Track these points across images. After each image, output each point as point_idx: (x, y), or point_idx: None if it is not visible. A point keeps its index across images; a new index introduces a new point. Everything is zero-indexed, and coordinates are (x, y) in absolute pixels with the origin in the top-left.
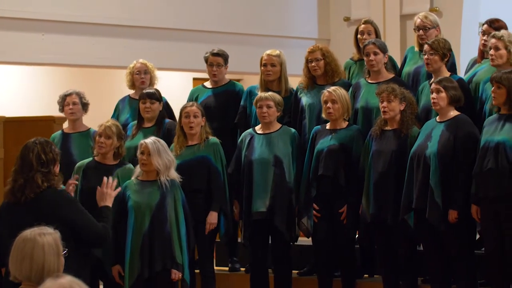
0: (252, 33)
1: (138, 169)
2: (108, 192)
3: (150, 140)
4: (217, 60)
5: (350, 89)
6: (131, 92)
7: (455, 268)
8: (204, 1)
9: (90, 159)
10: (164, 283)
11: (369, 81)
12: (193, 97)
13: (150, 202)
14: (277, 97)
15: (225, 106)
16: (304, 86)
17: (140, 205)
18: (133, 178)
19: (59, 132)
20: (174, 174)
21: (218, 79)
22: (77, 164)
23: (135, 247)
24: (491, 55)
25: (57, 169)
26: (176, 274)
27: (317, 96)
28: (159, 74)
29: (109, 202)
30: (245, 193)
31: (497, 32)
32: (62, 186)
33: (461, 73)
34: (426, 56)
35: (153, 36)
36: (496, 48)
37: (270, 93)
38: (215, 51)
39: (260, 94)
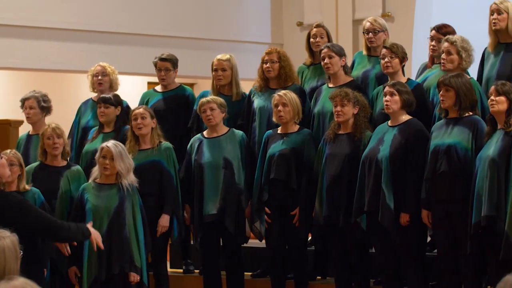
0: (206, 37)
1: (95, 171)
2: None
3: (111, 144)
4: (165, 65)
5: (315, 94)
6: (94, 95)
7: (406, 270)
8: (158, 6)
9: (38, 162)
10: (122, 286)
11: (329, 85)
12: (144, 101)
13: (109, 206)
14: (219, 99)
15: (174, 110)
16: (257, 87)
17: (98, 208)
18: (90, 181)
19: (25, 134)
20: (132, 178)
21: (167, 83)
22: (26, 169)
23: (92, 249)
24: (443, 59)
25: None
26: (134, 277)
27: (268, 99)
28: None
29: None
30: (196, 196)
31: (450, 37)
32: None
33: (413, 78)
34: (386, 59)
35: (108, 40)
36: (448, 53)
37: (211, 97)
38: (163, 56)
39: (201, 100)
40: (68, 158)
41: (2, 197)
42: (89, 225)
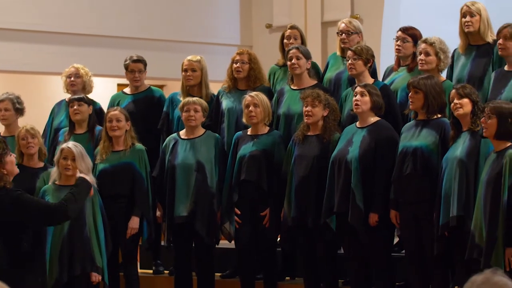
0: (175, 39)
1: (54, 173)
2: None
3: (71, 144)
4: (138, 66)
5: (275, 95)
6: (68, 96)
7: (373, 270)
8: (128, 8)
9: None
10: (83, 286)
11: (292, 87)
12: (114, 104)
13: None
14: (204, 103)
15: (145, 112)
16: (226, 88)
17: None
18: (50, 182)
19: None
20: (92, 178)
21: (140, 85)
22: None
23: (54, 251)
24: (421, 60)
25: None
26: (96, 277)
27: (237, 100)
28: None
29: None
30: (168, 197)
31: (429, 38)
32: None
33: (379, 79)
34: (349, 61)
35: (78, 42)
36: (427, 54)
37: (197, 98)
38: (134, 58)
39: (187, 98)
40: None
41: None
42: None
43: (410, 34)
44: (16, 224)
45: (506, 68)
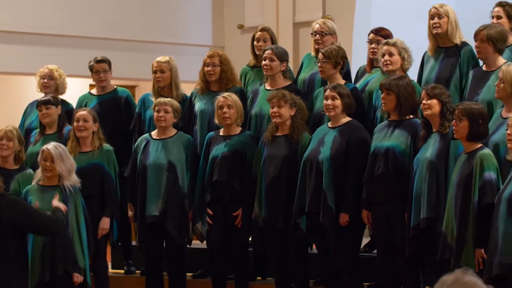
0: (147, 40)
1: (38, 174)
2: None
3: (52, 146)
4: (102, 66)
5: (250, 95)
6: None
7: (342, 270)
8: (100, 8)
9: None
10: (66, 287)
11: (266, 87)
12: (81, 105)
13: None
14: (176, 104)
15: (112, 112)
16: (199, 90)
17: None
18: (33, 183)
19: None
20: (75, 179)
21: (106, 85)
22: None
23: (36, 251)
24: (385, 61)
25: None
26: (78, 278)
27: (209, 102)
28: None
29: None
30: (139, 196)
31: (389, 39)
32: None
33: (352, 80)
34: (319, 64)
35: (50, 42)
36: (390, 54)
37: (169, 99)
38: (98, 58)
39: (160, 98)
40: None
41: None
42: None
43: (383, 35)
44: (8, 229)
45: (484, 68)
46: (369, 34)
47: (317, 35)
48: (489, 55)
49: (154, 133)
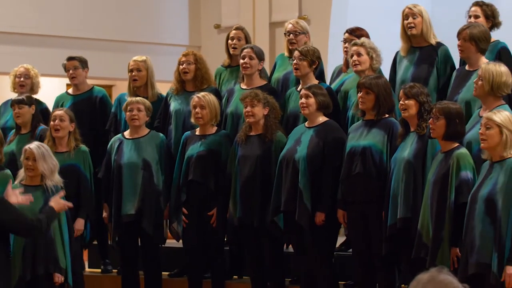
0: (124, 39)
1: (21, 173)
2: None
3: (34, 145)
4: (72, 63)
5: (225, 94)
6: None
7: (317, 269)
8: (77, 8)
9: None
10: (46, 287)
11: (242, 87)
12: (58, 105)
13: (34, 207)
14: (147, 102)
15: (88, 112)
16: (174, 90)
17: (23, 210)
18: (16, 182)
19: None
20: (57, 178)
21: (78, 83)
22: None
23: (17, 250)
24: (354, 61)
25: None
26: (59, 278)
27: (185, 102)
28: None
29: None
30: (114, 196)
31: (357, 40)
32: None
33: (328, 80)
34: (295, 61)
35: (26, 42)
36: (358, 54)
37: (140, 98)
38: (70, 56)
39: (131, 98)
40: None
41: None
42: (52, 202)
43: (358, 35)
44: None
45: (467, 67)
46: (344, 34)
47: (291, 34)
48: (472, 55)
49: (126, 133)
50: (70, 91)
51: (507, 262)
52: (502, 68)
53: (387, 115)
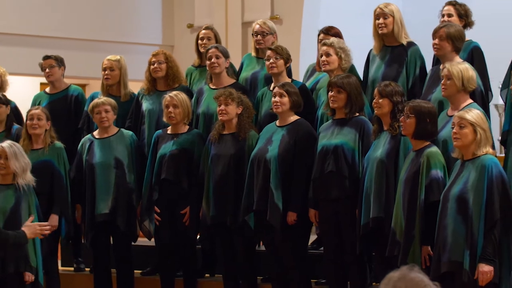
0: (98, 39)
1: None
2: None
3: (7, 144)
4: (48, 62)
5: (195, 94)
6: None
7: (289, 268)
8: (50, 7)
9: None
10: (17, 286)
11: (211, 86)
12: (35, 103)
13: (5, 206)
14: (112, 101)
15: (65, 111)
16: (145, 90)
17: None
18: None
19: None
20: (29, 177)
21: (54, 80)
22: None
23: None
24: (323, 61)
25: None
26: (29, 277)
27: (157, 101)
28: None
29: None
30: (87, 196)
31: (326, 40)
32: None
33: (301, 79)
34: (271, 61)
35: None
36: (327, 55)
37: (105, 98)
38: (46, 55)
39: (96, 100)
40: None
41: None
42: (26, 226)
43: (333, 34)
44: None
45: (441, 67)
46: (319, 34)
47: (258, 35)
48: (447, 54)
49: (96, 133)
50: (48, 90)
51: (480, 259)
52: (465, 64)
53: (357, 114)
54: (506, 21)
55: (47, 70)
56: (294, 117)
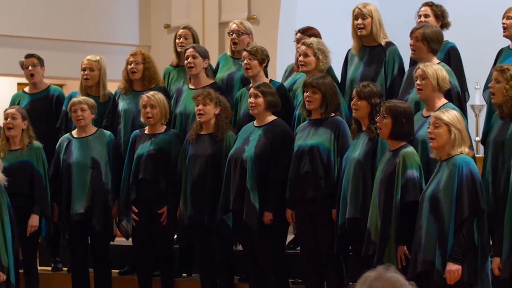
0: (75, 39)
1: None
2: None
3: None
4: (31, 60)
5: (174, 94)
6: None
7: (266, 268)
8: (26, 7)
9: None
10: None
11: (190, 87)
12: (14, 103)
13: None
14: (90, 100)
15: (45, 111)
16: (122, 89)
17: None
18: None
19: None
20: (1, 177)
21: (36, 81)
22: None
23: None
24: (300, 61)
25: None
26: (1, 276)
27: (133, 101)
28: None
29: None
30: (63, 195)
31: (306, 40)
32: None
33: (278, 79)
34: (245, 61)
35: None
36: (305, 55)
37: (82, 97)
38: (28, 54)
39: (73, 99)
40: None
41: None
42: None
43: (310, 34)
44: None
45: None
46: (296, 33)
47: (234, 34)
48: (423, 55)
49: (74, 132)
50: (27, 89)
51: (449, 259)
52: (437, 64)
53: (333, 114)
54: (482, 22)
55: (30, 68)
56: (271, 117)
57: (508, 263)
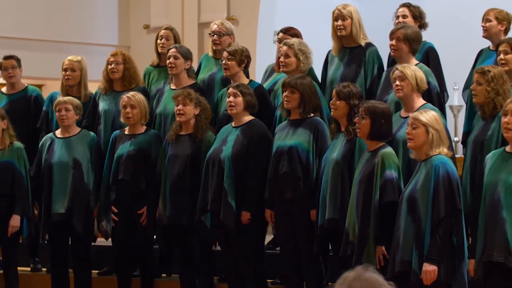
0: (54, 39)
1: None
2: None
3: None
4: (10, 62)
5: (156, 94)
6: None
7: (244, 268)
8: (6, 7)
9: None
10: None
11: (172, 87)
12: None
13: None
14: (75, 101)
15: (23, 111)
16: (102, 90)
17: None
18: None
19: None
20: None
21: (15, 81)
22: None
23: None
24: (281, 62)
25: None
26: None
27: (113, 102)
28: None
29: None
30: (44, 195)
31: (288, 40)
32: None
33: (257, 79)
34: (224, 62)
35: None
36: (286, 56)
37: (68, 97)
38: (6, 55)
39: (59, 98)
40: None
41: None
42: None
43: (291, 34)
44: None
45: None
46: (278, 33)
47: (215, 35)
48: (404, 55)
49: (58, 132)
50: (4, 90)
51: (425, 259)
52: (415, 65)
53: (312, 114)
54: (459, 23)
55: (9, 70)
56: (248, 118)
57: (481, 263)
